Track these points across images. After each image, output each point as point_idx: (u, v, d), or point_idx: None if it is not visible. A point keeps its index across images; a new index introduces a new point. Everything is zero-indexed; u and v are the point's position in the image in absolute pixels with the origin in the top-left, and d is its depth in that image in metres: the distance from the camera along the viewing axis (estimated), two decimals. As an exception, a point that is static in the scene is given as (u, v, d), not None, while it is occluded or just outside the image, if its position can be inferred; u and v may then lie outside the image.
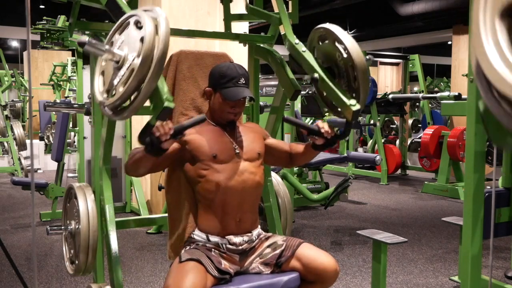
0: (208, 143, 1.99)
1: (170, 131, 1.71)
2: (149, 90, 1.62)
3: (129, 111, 1.67)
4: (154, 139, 1.69)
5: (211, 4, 5.06)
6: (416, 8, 10.00)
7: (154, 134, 1.69)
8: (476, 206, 2.01)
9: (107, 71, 1.76)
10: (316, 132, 2.00)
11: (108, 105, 1.69)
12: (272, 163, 2.33)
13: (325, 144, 2.02)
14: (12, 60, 12.73)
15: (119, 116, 1.70)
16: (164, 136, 1.69)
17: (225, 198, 1.97)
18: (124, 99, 1.65)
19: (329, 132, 1.99)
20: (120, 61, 1.68)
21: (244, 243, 2.01)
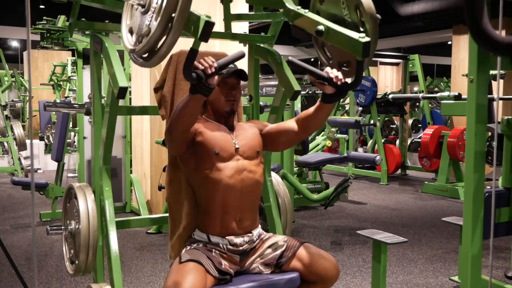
0: (211, 139, 1.99)
1: (214, 64, 1.67)
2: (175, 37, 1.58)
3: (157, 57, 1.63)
4: (200, 73, 1.65)
5: (211, 4, 5.06)
6: (416, 8, 10.00)
7: (199, 68, 1.65)
8: (476, 206, 2.01)
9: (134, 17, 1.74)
10: (325, 78, 1.84)
11: (140, 50, 1.67)
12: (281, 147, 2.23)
13: (336, 93, 1.88)
14: (12, 60, 12.73)
15: (152, 59, 1.67)
16: (209, 68, 1.66)
17: (225, 197, 1.97)
18: (151, 45, 1.62)
19: (338, 77, 1.86)
20: (146, 4, 1.67)
21: (245, 243, 2.01)
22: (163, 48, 1.64)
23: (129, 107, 3.72)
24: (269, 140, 2.14)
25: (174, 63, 2.27)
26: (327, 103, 1.94)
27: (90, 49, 2.59)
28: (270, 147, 2.18)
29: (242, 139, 2.07)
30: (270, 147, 2.19)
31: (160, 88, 2.30)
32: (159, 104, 2.30)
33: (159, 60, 1.68)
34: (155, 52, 1.67)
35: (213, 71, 1.66)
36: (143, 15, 1.69)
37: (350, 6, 1.97)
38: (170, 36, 1.62)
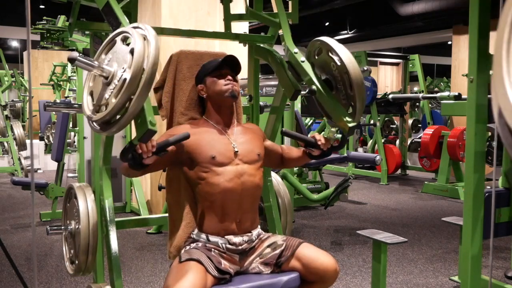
0: (207, 144, 1.99)
1: (153, 149, 1.74)
2: (135, 110, 1.65)
3: (117, 127, 1.69)
4: (136, 156, 1.72)
5: (211, 4, 5.06)
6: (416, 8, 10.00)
7: (136, 151, 1.71)
8: (476, 206, 2.01)
9: (96, 84, 1.77)
10: (313, 144, 2.11)
11: (96, 120, 1.71)
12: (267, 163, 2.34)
13: (321, 155, 2.14)
14: (12, 60, 12.73)
15: (107, 131, 1.73)
16: (146, 153, 1.73)
17: (225, 200, 1.97)
18: (112, 115, 1.67)
19: (325, 144, 2.11)
20: (109, 77, 1.70)
21: (244, 243, 2.01)
22: (122, 120, 1.67)
23: (129, 107, 3.71)
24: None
25: (174, 63, 2.27)
26: (312, 159, 2.21)
27: (90, 49, 2.59)
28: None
29: (241, 143, 2.07)
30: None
31: (160, 88, 2.30)
32: (159, 104, 2.30)
33: (118, 130, 1.72)
34: (113, 123, 1.70)
35: (149, 156, 1.74)
36: (105, 86, 1.72)
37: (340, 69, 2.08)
38: (129, 111, 1.65)
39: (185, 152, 1.99)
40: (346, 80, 2.06)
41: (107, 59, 1.75)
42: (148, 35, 1.67)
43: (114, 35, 1.79)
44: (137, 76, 1.61)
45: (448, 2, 9.30)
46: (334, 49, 2.05)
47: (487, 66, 2.01)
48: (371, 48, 14.32)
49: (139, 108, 1.66)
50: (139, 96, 1.63)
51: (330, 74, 2.15)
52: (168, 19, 4.84)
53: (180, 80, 2.25)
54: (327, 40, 2.10)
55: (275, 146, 2.28)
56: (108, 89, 1.69)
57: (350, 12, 12.83)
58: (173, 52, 2.28)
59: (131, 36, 1.68)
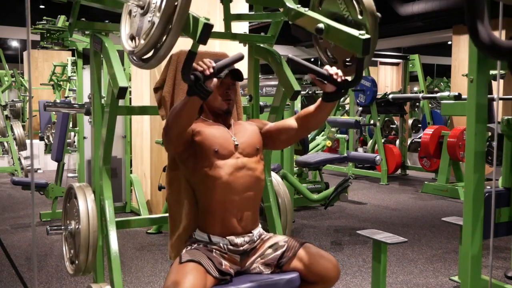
0: (210, 137, 1.99)
1: (212, 64, 1.67)
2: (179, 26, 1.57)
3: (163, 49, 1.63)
4: (199, 75, 1.64)
5: (211, 4, 5.06)
6: (416, 8, 10.00)
7: (197, 70, 1.64)
8: (476, 206, 2.01)
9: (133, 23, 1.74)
10: (325, 76, 1.82)
11: (138, 52, 1.67)
12: (281, 145, 2.23)
13: (337, 91, 1.86)
14: (12, 60, 12.73)
15: (148, 63, 1.68)
16: (207, 70, 1.66)
17: (225, 195, 1.97)
18: (155, 39, 1.62)
19: (338, 74, 1.84)
20: (145, 5, 1.67)
21: (245, 243, 2.01)
22: (162, 49, 1.64)
23: (129, 107, 3.72)
24: (269, 139, 2.14)
25: (174, 63, 2.27)
26: (328, 102, 1.93)
27: (90, 49, 2.59)
28: (270, 145, 2.18)
29: (241, 137, 2.07)
30: (270, 146, 2.19)
31: (160, 88, 2.30)
32: (159, 104, 2.30)
33: (158, 62, 1.68)
34: (154, 54, 1.67)
35: (211, 73, 1.66)
36: (142, 16, 1.69)
37: (349, 4, 1.97)
38: (169, 37, 1.62)
39: (195, 142, 1.98)
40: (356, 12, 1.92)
41: None
42: None
43: None
44: None
45: (448, 2, 9.30)
46: None
47: (487, 66, 2.01)
48: (371, 48, 14.25)
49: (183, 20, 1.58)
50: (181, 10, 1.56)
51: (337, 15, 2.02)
52: (168, 19, 4.84)
53: (180, 80, 2.25)
54: None
55: (282, 121, 2.17)
56: (147, 17, 1.66)
57: (350, 12, 12.78)
58: (173, 52, 2.28)
59: None
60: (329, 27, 1.90)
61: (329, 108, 1.97)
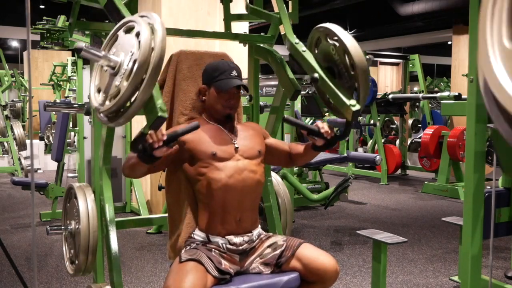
0: (207, 142, 1.99)
1: (163, 137, 1.71)
2: (144, 97, 1.64)
3: (124, 118, 1.68)
4: (147, 146, 1.70)
5: (211, 4, 5.06)
6: (416, 8, 10.00)
7: (147, 141, 1.70)
8: (476, 206, 2.01)
9: (103, 78, 1.77)
10: (316, 133, 1.99)
11: (104, 111, 1.70)
12: (271, 163, 2.33)
13: (325, 144, 2.01)
14: (12, 60, 12.73)
15: (114, 122, 1.72)
16: (156, 143, 1.70)
17: (225, 196, 1.97)
18: (120, 105, 1.66)
19: (329, 132, 1.98)
20: (116, 67, 1.69)
21: (245, 243, 2.01)
22: (131, 109, 1.66)
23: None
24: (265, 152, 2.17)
25: (174, 63, 2.28)
26: (316, 151, 2.10)
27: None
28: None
29: (242, 139, 2.07)
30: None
31: (160, 88, 2.30)
32: (159, 104, 2.30)
33: (126, 121, 1.71)
34: (122, 113, 1.69)
35: (160, 145, 1.71)
36: (111, 76, 1.71)
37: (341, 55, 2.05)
38: (131, 107, 1.64)
39: (187, 150, 1.99)
40: (347, 63, 2.01)
41: (113, 51, 1.74)
42: (154, 23, 1.66)
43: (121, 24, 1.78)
44: (146, 59, 1.59)
45: (448, 2, 9.30)
46: (341, 38, 2.00)
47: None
48: (371, 48, 14.33)
49: (147, 96, 1.63)
50: (148, 83, 1.60)
51: (332, 61, 2.11)
52: (168, 19, 4.84)
53: (180, 80, 2.25)
54: (333, 28, 2.05)
55: (281, 143, 2.25)
56: (116, 79, 1.68)
57: (350, 12, 12.83)
58: (173, 52, 2.29)
59: (137, 24, 1.67)
60: (323, 81, 2.08)
61: (316, 154, 2.16)
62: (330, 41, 2.08)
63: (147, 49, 1.60)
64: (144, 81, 1.61)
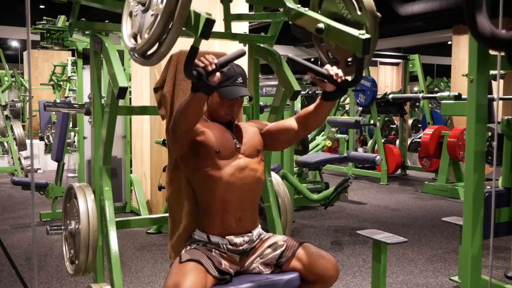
0: (212, 138, 1.99)
1: (214, 60, 1.66)
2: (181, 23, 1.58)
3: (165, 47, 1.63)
4: (201, 71, 1.64)
5: (211, 4, 5.05)
6: (416, 8, 9.99)
7: (199, 66, 1.65)
8: (476, 206, 2.01)
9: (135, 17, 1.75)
10: (325, 76, 1.83)
11: (139, 50, 1.67)
12: (285, 144, 2.22)
13: (337, 90, 1.87)
14: (12, 60, 12.72)
15: (150, 60, 1.68)
16: (209, 66, 1.65)
17: (225, 195, 1.97)
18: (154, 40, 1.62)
19: (339, 74, 1.84)
20: (147, 2, 1.67)
21: (245, 243, 2.01)
22: (163, 46, 1.64)
23: (129, 107, 3.72)
24: (269, 139, 2.13)
25: (174, 63, 2.27)
26: (328, 101, 1.94)
27: (90, 49, 2.59)
28: (270, 146, 2.18)
29: (242, 138, 2.08)
30: (269, 147, 2.19)
31: (160, 88, 2.30)
32: (159, 104, 2.30)
33: (159, 59, 1.68)
34: (156, 50, 1.67)
35: (213, 68, 1.66)
36: (143, 13, 1.70)
37: (348, 3, 1.96)
38: (170, 34, 1.62)
39: (196, 143, 1.98)
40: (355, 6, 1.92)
41: None
42: None
43: None
44: None
45: (448, 2, 9.29)
46: None
47: (487, 66, 2.00)
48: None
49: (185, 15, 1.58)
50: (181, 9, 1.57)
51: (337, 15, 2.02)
52: (168, 19, 4.84)
53: (180, 80, 2.25)
54: None
55: (283, 122, 2.17)
56: (148, 14, 1.66)
57: (350, 12, 12.78)
58: (173, 52, 2.28)
59: None
60: (329, 27, 1.90)
61: (328, 107, 1.98)
62: None
63: None
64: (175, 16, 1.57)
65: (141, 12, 1.71)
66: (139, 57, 1.72)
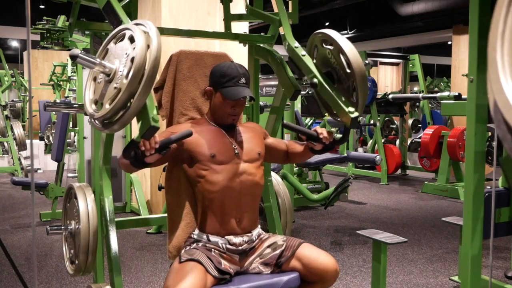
0: (207, 143, 1.99)
1: (156, 145, 1.73)
2: (138, 106, 1.65)
3: (118, 125, 1.70)
4: (139, 153, 1.72)
5: (211, 4, 5.06)
6: (416, 8, 10.00)
7: (139, 148, 1.71)
8: (476, 206, 2.01)
9: (98, 86, 1.77)
10: (315, 138, 2.04)
11: (98, 118, 1.71)
12: (267, 160, 2.34)
13: (324, 149, 2.08)
14: (12, 60, 12.73)
15: (109, 129, 1.73)
16: (148, 151, 1.72)
17: (224, 199, 1.97)
18: (114, 113, 1.67)
19: (327, 137, 2.03)
20: (111, 74, 1.69)
21: (244, 243, 2.01)
22: (127, 115, 1.67)
23: (129, 107, 3.71)
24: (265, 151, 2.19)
25: (174, 63, 2.27)
26: (314, 154, 2.16)
27: (90, 49, 2.59)
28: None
29: (242, 142, 2.07)
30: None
31: (160, 88, 2.30)
32: (159, 104, 2.30)
33: (121, 126, 1.72)
34: (117, 120, 1.70)
35: (151, 153, 1.73)
36: (107, 83, 1.72)
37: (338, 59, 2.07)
38: (134, 102, 1.64)
39: (186, 150, 1.99)
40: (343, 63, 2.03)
41: (109, 57, 1.75)
42: (150, 31, 1.67)
43: (116, 32, 1.79)
44: (140, 69, 1.60)
45: (448, 2, 9.30)
46: (339, 44, 2.02)
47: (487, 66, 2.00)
48: (371, 48, 14.32)
49: (141, 104, 1.65)
50: (142, 91, 1.62)
51: (330, 66, 2.13)
52: (168, 19, 4.84)
53: (180, 80, 2.25)
54: (331, 34, 2.07)
55: (279, 142, 2.27)
56: (110, 86, 1.69)
57: (350, 12, 12.82)
58: (173, 52, 2.29)
59: (133, 32, 1.68)
60: (322, 87, 2.10)
61: (313, 155, 2.19)
62: (326, 46, 2.10)
63: (141, 60, 1.60)
64: (138, 91, 1.62)
65: (105, 82, 1.73)
66: (99, 124, 1.75)
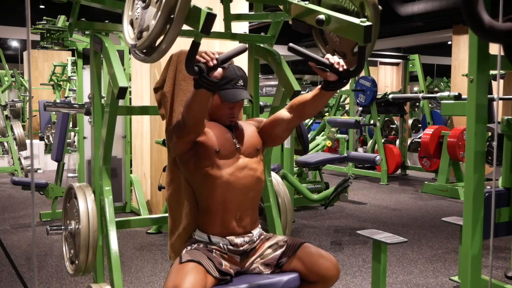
0: (212, 138, 1.99)
1: (215, 55, 1.66)
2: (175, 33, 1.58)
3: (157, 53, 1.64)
4: (202, 66, 1.64)
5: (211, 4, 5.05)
6: (416, 8, 9.99)
7: (200, 61, 1.65)
8: (476, 206, 2.01)
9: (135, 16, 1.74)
10: (326, 65, 1.77)
11: (139, 46, 1.67)
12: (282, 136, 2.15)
13: (338, 80, 1.81)
14: (12, 60, 12.72)
15: (150, 57, 1.68)
16: (210, 61, 1.65)
17: (226, 194, 1.97)
18: (156, 34, 1.62)
19: (340, 63, 1.79)
20: None
21: (245, 243, 2.01)
22: (164, 43, 1.65)
23: (129, 107, 3.72)
24: (266, 136, 2.12)
25: (174, 63, 2.27)
26: (328, 91, 1.89)
27: (90, 49, 2.59)
28: (269, 142, 2.15)
29: (242, 138, 2.07)
30: (269, 143, 2.15)
31: (160, 88, 2.30)
32: (159, 104, 2.30)
33: (159, 56, 1.68)
34: (155, 48, 1.67)
35: (215, 64, 1.66)
36: (143, 9, 1.70)
37: None
38: (170, 31, 1.62)
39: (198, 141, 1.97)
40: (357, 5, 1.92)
41: None
42: None
43: None
44: None
45: (448, 2, 9.29)
46: None
47: (487, 66, 2.01)
48: (371, 48, 14.26)
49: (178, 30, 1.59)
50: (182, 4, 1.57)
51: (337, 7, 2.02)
52: (168, 19, 4.84)
53: (180, 80, 2.25)
54: None
55: (275, 115, 2.12)
56: (148, 11, 1.66)
57: (350, 12, 12.78)
58: (173, 52, 2.28)
59: None
60: (329, 18, 1.89)
61: (328, 96, 1.94)
62: None
63: None
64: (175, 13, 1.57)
65: (142, 8, 1.71)
66: (140, 54, 1.72)
